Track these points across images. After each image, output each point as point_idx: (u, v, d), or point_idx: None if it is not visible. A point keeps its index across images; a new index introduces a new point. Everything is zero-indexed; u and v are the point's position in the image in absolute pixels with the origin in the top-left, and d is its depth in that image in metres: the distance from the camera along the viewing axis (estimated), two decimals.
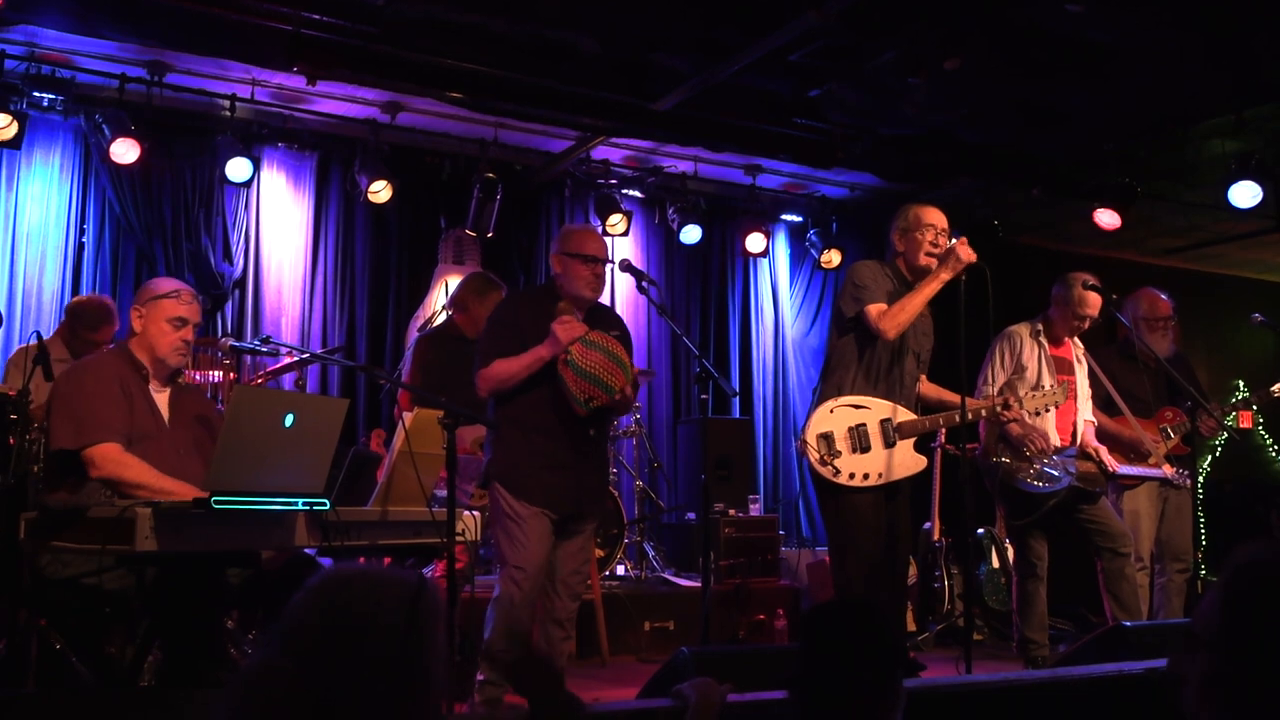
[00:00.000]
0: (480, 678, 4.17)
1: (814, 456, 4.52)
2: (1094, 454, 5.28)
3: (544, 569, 4.20)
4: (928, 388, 4.80)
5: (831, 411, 4.54)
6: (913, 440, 4.58)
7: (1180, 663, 1.45)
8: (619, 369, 4.13)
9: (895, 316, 4.46)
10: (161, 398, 3.74)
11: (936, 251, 4.60)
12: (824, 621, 2.33)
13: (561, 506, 4.21)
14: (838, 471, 4.49)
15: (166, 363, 3.72)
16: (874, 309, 4.51)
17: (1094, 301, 5.34)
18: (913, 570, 6.71)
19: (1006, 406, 4.77)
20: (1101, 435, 5.47)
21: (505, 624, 4.13)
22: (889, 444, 4.51)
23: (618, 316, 4.74)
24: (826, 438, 4.51)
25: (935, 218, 4.66)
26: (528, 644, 4.26)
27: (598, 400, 4.11)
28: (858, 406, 4.52)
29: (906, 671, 2.28)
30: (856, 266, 4.77)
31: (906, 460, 4.57)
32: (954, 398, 4.71)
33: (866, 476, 4.49)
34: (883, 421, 4.52)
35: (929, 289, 4.48)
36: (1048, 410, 5.05)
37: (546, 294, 4.42)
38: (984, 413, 4.81)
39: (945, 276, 4.43)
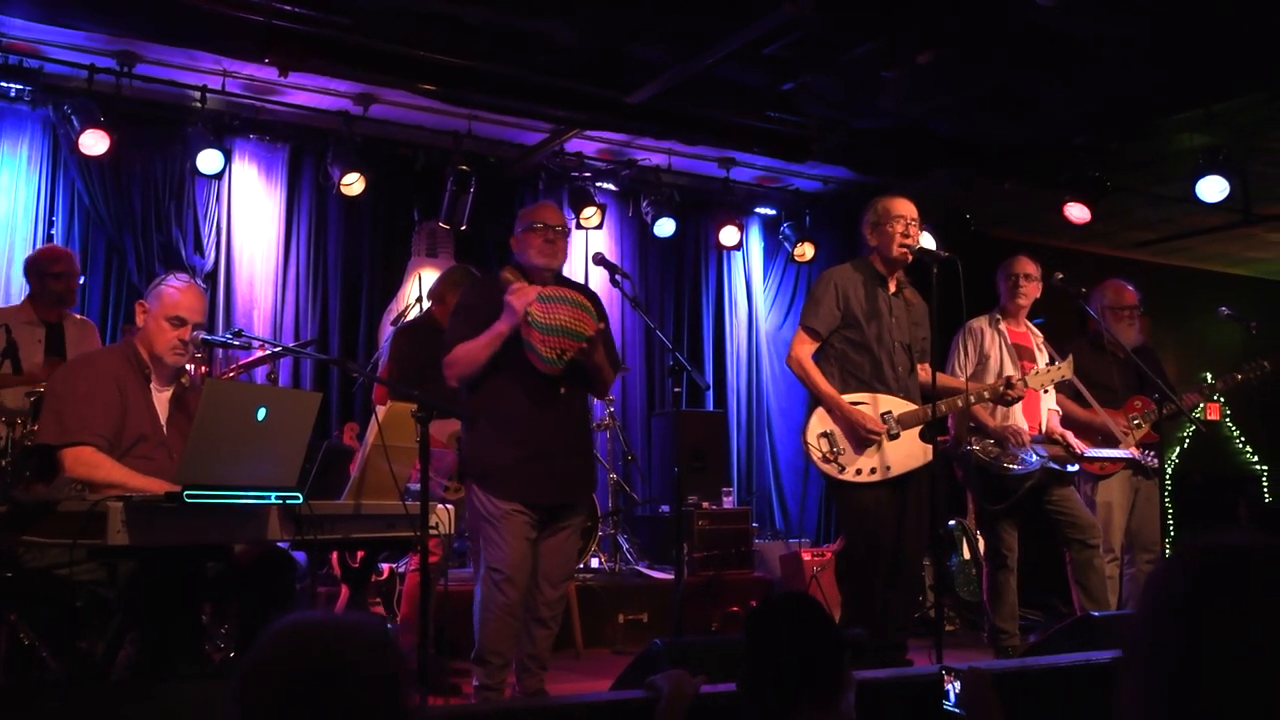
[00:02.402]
0: (475, 683, 4.14)
1: (816, 455, 4.53)
2: (1061, 439, 5.34)
3: (526, 569, 4.10)
4: (930, 375, 4.82)
5: (829, 410, 4.56)
6: (918, 430, 4.59)
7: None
8: (586, 315, 4.00)
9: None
10: (163, 398, 3.73)
11: (909, 242, 4.63)
12: (764, 620, 2.37)
13: (540, 498, 4.11)
14: (843, 469, 4.50)
15: (164, 361, 3.69)
16: (800, 336, 4.67)
17: (1020, 258, 5.51)
18: None
19: (1010, 386, 4.80)
20: (1070, 423, 5.52)
21: (494, 629, 4.07)
22: (892, 436, 4.53)
23: (586, 290, 4.55)
24: (828, 436, 4.53)
25: (904, 208, 4.69)
26: (516, 644, 4.21)
27: (570, 351, 3.97)
28: (856, 404, 4.54)
29: (853, 656, 2.33)
30: (822, 276, 4.82)
31: (914, 451, 4.56)
32: (957, 384, 4.78)
33: (873, 471, 4.50)
34: (883, 415, 4.53)
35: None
36: (1054, 385, 5.11)
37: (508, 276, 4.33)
38: (987, 394, 4.84)
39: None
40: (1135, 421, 5.67)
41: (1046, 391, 5.23)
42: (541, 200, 4.54)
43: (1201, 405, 5.93)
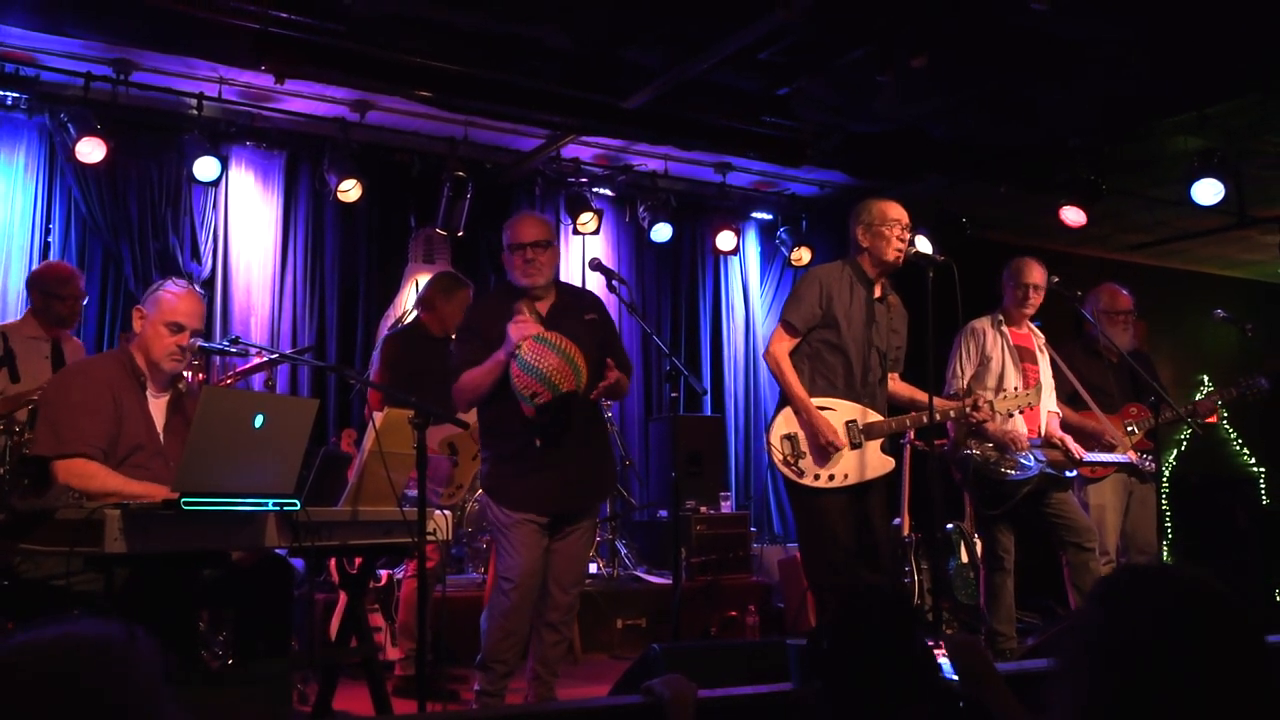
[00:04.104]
0: (476, 688, 4.15)
1: (778, 457, 4.52)
2: (1060, 444, 5.34)
3: (534, 577, 4.13)
4: (899, 386, 4.79)
5: (797, 413, 4.55)
6: (880, 441, 4.59)
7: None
8: (571, 373, 3.99)
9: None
10: (159, 404, 3.72)
11: (903, 247, 4.62)
12: (854, 618, 2.23)
13: (545, 508, 4.14)
14: (802, 473, 4.49)
15: (161, 367, 3.69)
16: (779, 332, 4.63)
17: (1031, 267, 5.45)
18: None
19: (976, 407, 4.79)
20: (1066, 427, 5.53)
21: (498, 634, 4.09)
22: (855, 445, 4.51)
23: (594, 298, 4.60)
24: (791, 439, 4.51)
25: (899, 213, 4.67)
26: (523, 653, 4.22)
27: (542, 397, 3.97)
28: (823, 408, 4.53)
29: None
30: (807, 273, 4.81)
31: (874, 461, 4.56)
32: (925, 397, 4.73)
33: (832, 478, 4.49)
34: (848, 423, 4.52)
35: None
36: (1020, 412, 5.10)
37: (509, 293, 4.34)
38: (953, 414, 4.82)
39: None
40: (1130, 428, 5.68)
41: (1013, 416, 5.22)
42: (523, 213, 4.52)
43: (1199, 413, 5.93)
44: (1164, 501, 8.00)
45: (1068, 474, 5.33)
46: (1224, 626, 1.25)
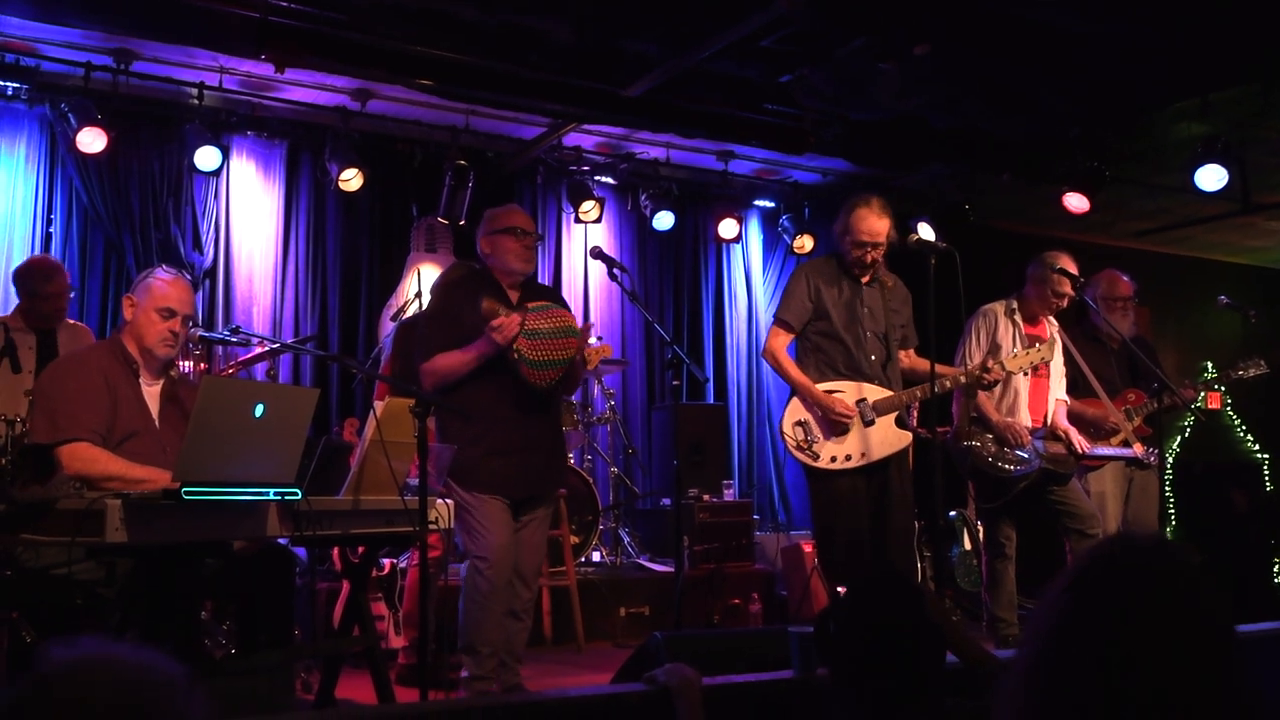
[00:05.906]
0: (464, 674, 4.16)
1: (791, 444, 4.60)
2: (1064, 435, 5.32)
3: (508, 552, 4.16)
4: (916, 361, 4.86)
5: (804, 399, 4.60)
6: (893, 416, 4.63)
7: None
8: (570, 338, 4.15)
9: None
10: (153, 391, 3.73)
11: (866, 260, 4.72)
12: (865, 604, 2.21)
13: (511, 491, 4.19)
14: (817, 456, 4.55)
15: (154, 353, 3.71)
16: (774, 329, 4.76)
17: (1066, 281, 5.40)
18: None
19: (986, 370, 4.81)
20: (1069, 417, 5.52)
21: (480, 617, 4.10)
22: (867, 423, 4.56)
23: (554, 293, 4.70)
24: (802, 425, 4.58)
25: (869, 231, 4.71)
26: (501, 635, 4.22)
27: (555, 374, 4.16)
28: (830, 391, 4.58)
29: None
30: (795, 269, 4.89)
31: (888, 437, 4.62)
32: (942, 369, 4.79)
33: (849, 458, 4.55)
34: (858, 401, 4.57)
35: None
36: (1035, 369, 5.11)
37: (480, 279, 4.35)
38: (963, 379, 4.85)
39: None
40: (1128, 413, 5.66)
41: (1028, 376, 5.23)
42: (513, 205, 4.58)
43: (1202, 395, 5.91)
44: (1167, 488, 7.99)
45: (1067, 472, 5.31)
46: (1198, 619, 1.20)
